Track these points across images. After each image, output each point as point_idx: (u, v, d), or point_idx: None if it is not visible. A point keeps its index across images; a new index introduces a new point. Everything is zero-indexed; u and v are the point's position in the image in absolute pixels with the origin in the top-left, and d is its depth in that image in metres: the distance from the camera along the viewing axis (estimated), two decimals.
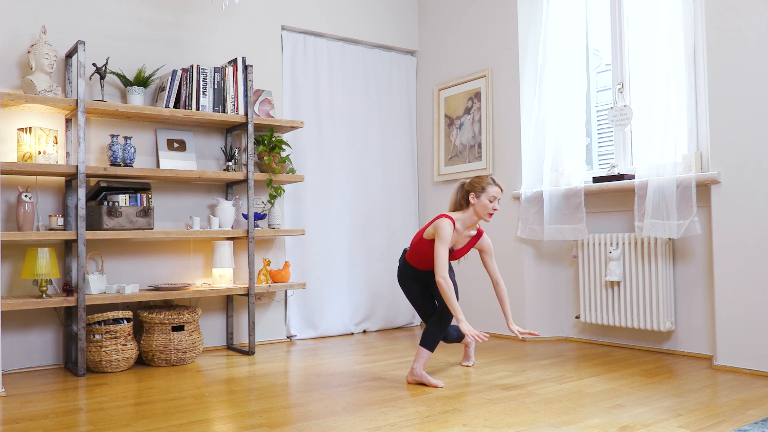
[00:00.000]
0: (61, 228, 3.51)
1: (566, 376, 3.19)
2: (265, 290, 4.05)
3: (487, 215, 3.04)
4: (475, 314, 4.69)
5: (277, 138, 4.20)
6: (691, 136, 3.59)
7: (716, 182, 3.35)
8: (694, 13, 3.58)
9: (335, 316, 4.67)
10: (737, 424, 2.35)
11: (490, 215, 3.04)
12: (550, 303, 4.34)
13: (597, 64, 4.51)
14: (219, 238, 4.07)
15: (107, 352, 3.43)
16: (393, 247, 4.98)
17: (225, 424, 2.47)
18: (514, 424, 2.39)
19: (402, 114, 5.16)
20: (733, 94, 3.28)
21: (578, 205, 4.01)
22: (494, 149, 4.58)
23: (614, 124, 3.92)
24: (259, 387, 3.08)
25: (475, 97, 4.74)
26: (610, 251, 3.85)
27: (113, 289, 3.60)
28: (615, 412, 2.53)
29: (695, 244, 3.60)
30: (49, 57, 3.46)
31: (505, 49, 4.51)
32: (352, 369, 3.47)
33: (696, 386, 2.94)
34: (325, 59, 4.76)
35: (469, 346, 3.50)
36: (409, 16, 5.25)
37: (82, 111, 3.42)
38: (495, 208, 3.03)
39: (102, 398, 2.89)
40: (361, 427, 2.39)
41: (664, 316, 3.62)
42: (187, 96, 3.86)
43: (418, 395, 2.85)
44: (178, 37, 4.12)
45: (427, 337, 3.10)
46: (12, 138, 3.52)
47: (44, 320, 3.61)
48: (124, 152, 3.68)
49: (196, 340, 3.71)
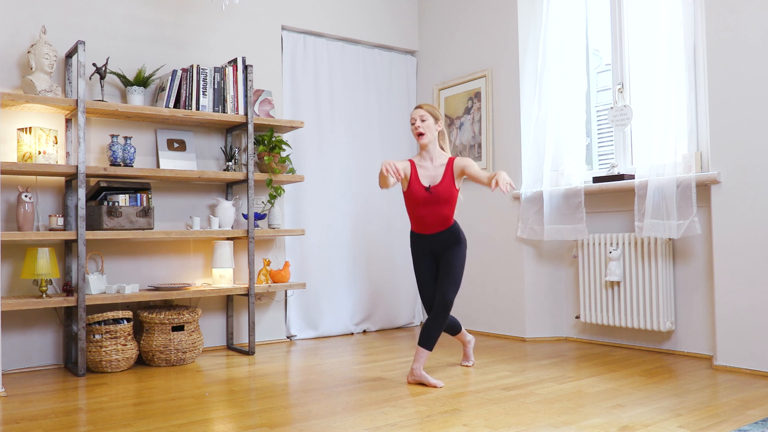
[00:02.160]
0: (61, 228, 3.51)
1: (566, 376, 3.19)
2: (265, 290, 4.05)
3: (415, 136, 3.18)
4: (475, 314, 4.69)
5: (277, 138, 4.20)
6: (691, 136, 3.59)
7: (716, 182, 3.35)
8: (694, 14, 3.58)
9: (335, 316, 4.67)
10: (737, 424, 2.35)
11: (417, 136, 3.17)
12: (550, 303, 4.34)
13: (597, 64, 4.51)
14: (219, 238, 4.07)
15: (107, 352, 3.43)
16: (393, 247, 4.98)
17: (225, 424, 2.47)
18: (514, 424, 2.39)
19: (402, 114, 5.16)
20: (733, 94, 3.28)
21: (578, 205, 4.01)
22: (494, 149, 4.58)
23: (614, 124, 3.92)
24: (259, 387, 3.08)
25: (475, 97, 4.74)
26: (610, 251, 3.84)
27: (113, 289, 3.60)
28: (615, 412, 2.53)
29: (695, 244, 3.60)
30: (49, 57, 3.46)
31: (505, 49, 4.51)
32: (352, 369, 3.47)
33: (696, 386, 2.94)
34: (325, 59, 4.76)
35: (468, 345, 3.50)
36: (409, 16, 5.25)
37: (82, 111, 3.42)
38: (416, 127, 3.16)
39: (102, 398, 2.89)
40: (361, 427, 2.39)
41: (664, 316, 3.62)
42: (187, 96, 3.86)
43: (418, 395, 2.85)
44: (178, 37, 4.12)
45: (424, 336, 3.10)
46: (12, 138, 3.52)
47: (44, 320, 3.61)
48: (124, 152, 3.68)
49: (196, 340, 3.71)
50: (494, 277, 4.56)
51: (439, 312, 3.08)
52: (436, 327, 3.09)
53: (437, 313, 3.09)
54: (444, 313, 3.08)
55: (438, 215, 3.14)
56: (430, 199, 3.13)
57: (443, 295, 3.08)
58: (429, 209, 3.14)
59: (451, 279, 3.11)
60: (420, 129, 3.15)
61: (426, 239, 3.21)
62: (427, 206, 3.14)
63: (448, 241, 3.17)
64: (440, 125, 3.22)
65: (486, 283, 4.63)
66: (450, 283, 3.10)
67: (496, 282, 4.55)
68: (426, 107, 3.19)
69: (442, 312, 3.08)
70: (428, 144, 3.18)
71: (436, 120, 3.19)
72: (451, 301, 3.08)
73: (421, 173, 3.18)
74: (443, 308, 3.07)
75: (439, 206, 3.13)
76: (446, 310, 3.08)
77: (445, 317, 3.09)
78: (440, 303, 3.08)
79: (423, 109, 3.17)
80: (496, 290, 4.55)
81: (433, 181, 3.15)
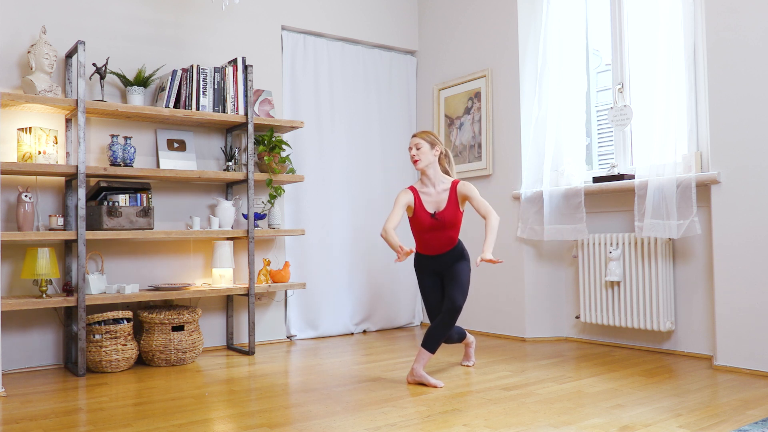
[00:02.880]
0: (61, 228, 3.51)
1: (566, 376, 3.19)
2: (265, 290, 4.05)
3: (413, 163, 3.21)
4: (475, 314, 4.69)
5: (277, 138, 4.20)
6: (691, 136, 3.59)
7: (716, 182, 3.35)
8: (694, 14, 3.58)
9: (335, 316, 4.67)
10: (737, 424, 2.35)
11: (413, 162, 3.20)
12: (550, 303, 4.34)
13: (597, 64, 4.51)
14: (219, 238, 4.07)
15: (107, 352, 3.43)
16: None
17: (225, 424, 2.47)
18: (514, 424, 2.39)
19: (402, 114, 5.16)
20: (733, 94, 3.28)
21: (578, 205, 4.01)
22: (494, 149, 4.58)
23: (614, 124, 3.92)
24: (259, 387, 3.08)
25: (475, 97, 4.74)
26: (610, 251, 3.85)
27: (113, 289, 3.60)
28: (615, 412, 2.53)
29: (695, 244, 3.60)
30: (49, 57, 3.46)
31: (505, 49, 4.51)
32: (352, 369, 3.47)
33: (696, 386, 2.94)
34: (325, 59, 4.76)
35: (470, 346, 3.50)
36: (409, 16, 5.25)
37: (82, 111, 3.42)
38: (412, 155, 3.20)
39: (102, 398, 2.89)
40: (361, 427, 2.39)
41: (664, 316, 3.62)
42: (187, 96, 3.86)
43: (418, 395, 2.85)
44: (178, 37, 4.12)
45: (429, 338, 3.09)
46: (12, 138, 3.52)
47: (44, 320, 3.61)
48: (124, 152, 3.68)
49: (196, 340, 3.71)
50: (494, 277, 4.57)
51: (447, 317, 3.06)
52: (441, 331, 3.08)
53: (445, 317, 3.07)
54: (452, 319, 3.06)
55: (444, 238, 3.18)
56: (436, 225, 3.16)
57: (452, 301, 3.06)
58: (435, 234, 3.17)
59: (459, 286, 3.11)
60: (415, 156, 3.19)
61: (431, 260, 3.24)
62: (433, 231, 3.17)
63: (452, 260, 3.21)
64: (438, 149, 3.21)
65: (486, 283, 4.63)
66: (458, 290, 3.09)
67: (496, 282, 4.55)
68: (419, 135, 3.22)
69: (450, 317, 3.06)
70: (426, 169, 3.19)
71: (432, 145, 3.20)
72: (460, 307, 3.06)
73: (424, 200, 3.19)
74: (452, 313, 3.05)
75: (444, 231, 3.17)
76: (455, 315, 3.06)
77: (452, 323, 3.07)
78: (449, 308, 3.06)
79: (417, 138, 3.21)
80: (496, 290, 4.55)
81: (438, 207, 3.17)
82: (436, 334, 3.08)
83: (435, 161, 3.21)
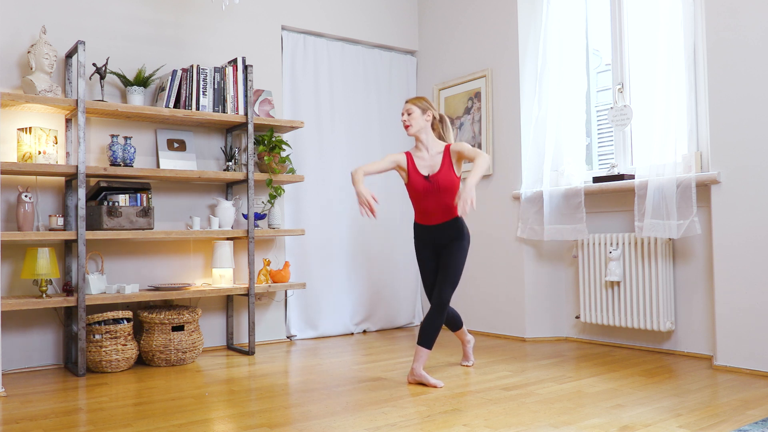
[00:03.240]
0: (61, 228, 3.51)
1: (566, 376, 3.19)
2: (265, 290, 4.05)
3: (405, 129, 3.24)
4: (475, 314, 4.69)
5: (277, 138, 4.20)
6: (691, 136, 3.59)
7: (716, 182, 3.35)
8: (694, 14, 3.58)
9: (335, 316, 4.67)
10: (737, 424, 2.35)
11: (405, 128, 3.22)
12: (550, 303, 4.34)
13: (597, 64, 4.51)
14: (219, 238, 4.06)
15: (107, 352, 3.43)
16: (393, 247, 4.99)
17: (225, 424, 2.47)
18: (514, 424, 2.39)
19: None
20: (733, 94, 3.28)
21: (578, 205, 4.01)
22: (494, 149, 4.58)
23: (614, 124, 3.92)
24: (259, 387, 3.08)
25: (475, 97, 4.74)
26: (610, 251, 3.84)
27: (113, 289, 3.60)
28: (615, 412, 2.53)
29: (695, 244, 3.60)
30: (49, 57, 3.46)
31: (505, 49, 4.51)
32: (352, 369, 3.47)
33: (696, 386, 2.94)
34: (325, 59, 4.76)
35: (468, 345, 3.51)
36: (409, 16, 5.25)
37: (82, 111, 3.42)
38: (403, 120, 3.22)
39: (102, 398, 2.89)
40: (361, 427, 2.39)
41: (664, 316, 3.62)
42: (187, 96, 3.86)
43: (418, 395, 2.85)
44: (178, 37, 4.12)
45: (423, 335, 3.10)
46: (12, 138, 3.52)
47: (44, 320, 3.61)
48: (124, 152, 3.68)
49: (196, 340, 3.71)
50: (494, 277, 4.56)
51: (435, 311, 3.10)
52: (433, 325, 3.10)
53: (433, 311, 3.10)
54: (440, 312, 3.10)
55: (440, 204, 3.16)
56: (430, 188, 3.15)
57: (439, 295, 3.10)
58: (431, 199, 3.17)
59: (449, 279, 3.12)
60: (406, 122, 3.22)
61: (429, 230, 3.23)
62: (429, 196, 3.17)
63: (451, 235, 3.18)
64: (429, 114, 3.23)
65: (486, 283, 4.63)
66: (447, 283, 3.12)
67: (496, 282, 4.55)
68: (411, 101, 3.24)
69: (438, 311, 3.10)
70: (418, 134, 3.22)
71: (423, 111, 3.21)
72: (447, 301, 3.10)
73: (418, 163, 3.21)
74: (439, 307, 3.09)
75: (440, 195, 3.15)
76: (442, 308, 3.10)
77: (441, 316, 3.10)
78: (436, 302, 3.10)
79: (408, 104, 3.24)
80: (496, 290, 4.55)
81: (432, 170, 3.18)
82: (428, 329, 3.11)
83: (427, 126, 3.23)
